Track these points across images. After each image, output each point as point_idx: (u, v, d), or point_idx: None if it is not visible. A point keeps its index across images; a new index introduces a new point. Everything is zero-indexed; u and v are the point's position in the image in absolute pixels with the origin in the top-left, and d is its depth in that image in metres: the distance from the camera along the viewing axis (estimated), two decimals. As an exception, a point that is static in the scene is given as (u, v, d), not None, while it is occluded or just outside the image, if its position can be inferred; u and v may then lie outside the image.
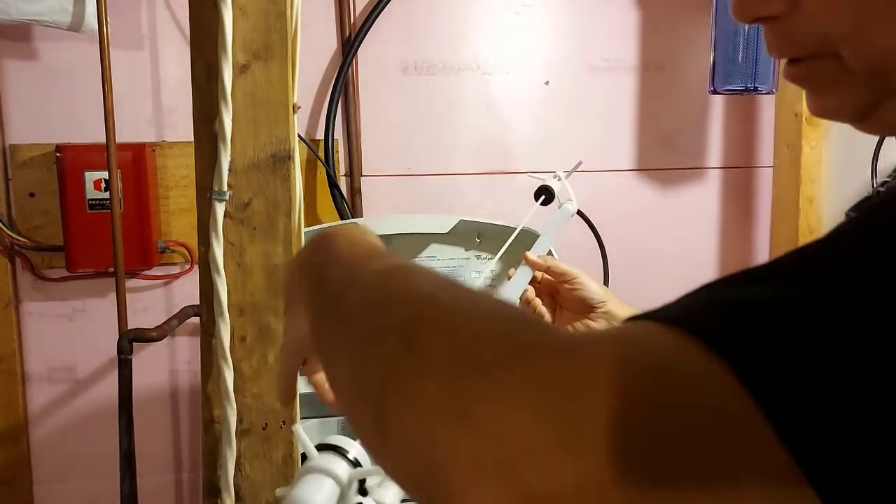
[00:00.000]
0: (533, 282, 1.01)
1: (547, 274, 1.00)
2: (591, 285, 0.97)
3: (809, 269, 0.27)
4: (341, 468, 0.62)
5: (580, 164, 1.11)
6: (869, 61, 0.36)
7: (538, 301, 1.00)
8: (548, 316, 1.00)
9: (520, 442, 0.25)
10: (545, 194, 1.09)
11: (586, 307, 0.96)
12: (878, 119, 0.38)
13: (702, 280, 0.29)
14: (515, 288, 0.98)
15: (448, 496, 0.26)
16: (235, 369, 0.88)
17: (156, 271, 1.62)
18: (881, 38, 0.35)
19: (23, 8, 1.37)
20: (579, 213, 1.14)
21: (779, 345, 0.24)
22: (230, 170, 0.85)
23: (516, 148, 1.73)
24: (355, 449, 0.64)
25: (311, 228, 1.33)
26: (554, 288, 1.00)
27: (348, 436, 0.71)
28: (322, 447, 0.62)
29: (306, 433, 1.09)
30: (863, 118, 0.39)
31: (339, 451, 0.62)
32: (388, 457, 0.31)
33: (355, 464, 0.63)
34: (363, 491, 0.63)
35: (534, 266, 1.00)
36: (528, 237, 1.31)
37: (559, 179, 1.09)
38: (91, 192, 1.49)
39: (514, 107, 1.72)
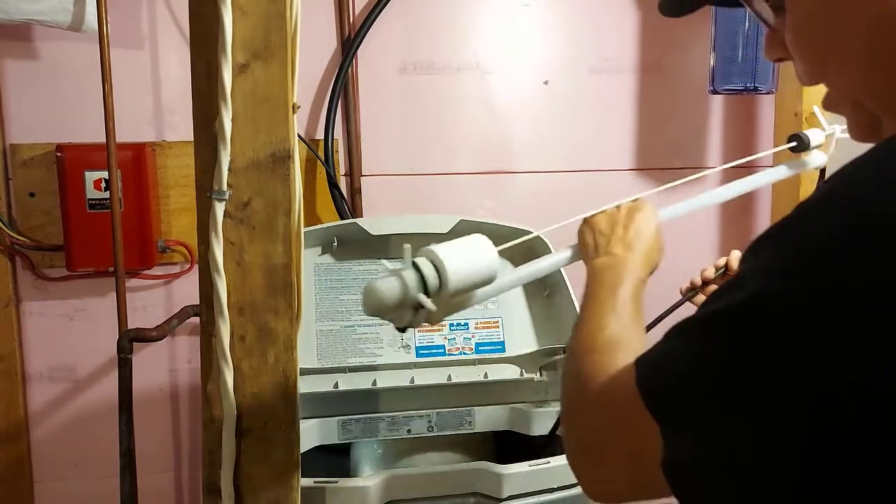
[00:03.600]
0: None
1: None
2: None
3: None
4: (413, 285, 0.77)
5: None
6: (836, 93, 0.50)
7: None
8: None
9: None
10: (798, 141, 1.09)
11: None
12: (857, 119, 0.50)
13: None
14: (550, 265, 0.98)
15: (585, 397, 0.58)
16: (235, 369, 0.88)
17: (156, 271, 1.62)
18: (832, 80, 0.49)
19: (23, 8, 1.37)
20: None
21: (666, 391, 0.46)
22: (230, 169, 0.85)
23: (516, 148, 1.73)
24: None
25: (310, 228, 1.33)
26: None
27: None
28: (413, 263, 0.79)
29: (306, 434, 1.10)
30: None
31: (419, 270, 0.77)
32: (572, 392, 0.61)
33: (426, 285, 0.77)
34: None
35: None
36: (535, 242, 1.31)
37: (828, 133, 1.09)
38: (91, 192, 1.50)
39: (513, 107, 1.72)
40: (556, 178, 1.75)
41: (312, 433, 1.30)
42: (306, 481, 1.03)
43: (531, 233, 1.04)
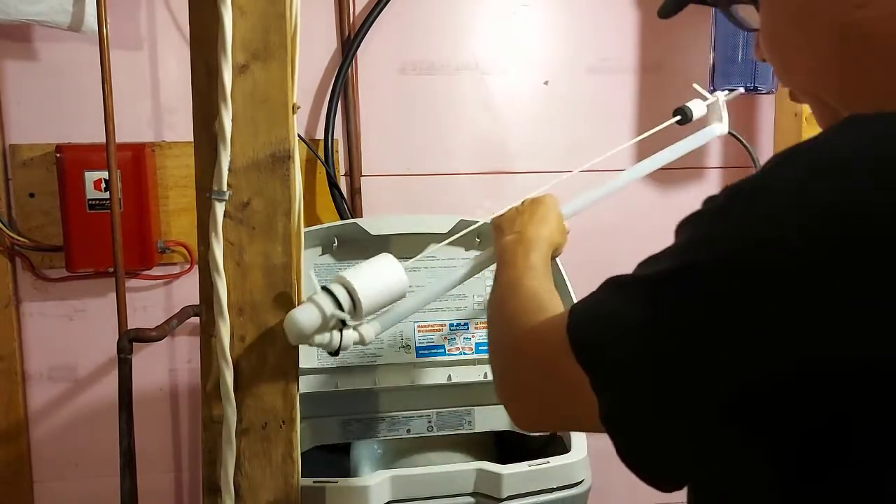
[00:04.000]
0: None
1: None
2: None
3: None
4: (328, 305, 0.84)
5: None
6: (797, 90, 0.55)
7: None
8: None
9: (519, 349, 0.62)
10: (682, 115, 1.15)
11: None
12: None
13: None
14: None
15: (512, 343, 0.64)
16: (235, 369, 0.88)
17: (156, 271, 1.62)
18: (800, 80, 0.54)
19: (23, 8, 1.37)
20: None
21: (598, 346, 0.48)
22: (230, 170, 0.86)
23: (515, 148, 1.74)
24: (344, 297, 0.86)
25: (310, 228, 1.33)
26: None
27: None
28: (322, 288, 0.87)
29: (306, 434, 1.10)
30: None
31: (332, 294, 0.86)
32: (500, 335, 0.68)
33: (342, 307, 0.86)
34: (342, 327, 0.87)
35: None
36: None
37: (712, 97, 1.14)
38: (91, 192, 1.50)
39: (512, 107, 1.73)
40: (555, 179, 1.75)
41: (312, 433, 1.30)
42: (306, 481, 1.03)
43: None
